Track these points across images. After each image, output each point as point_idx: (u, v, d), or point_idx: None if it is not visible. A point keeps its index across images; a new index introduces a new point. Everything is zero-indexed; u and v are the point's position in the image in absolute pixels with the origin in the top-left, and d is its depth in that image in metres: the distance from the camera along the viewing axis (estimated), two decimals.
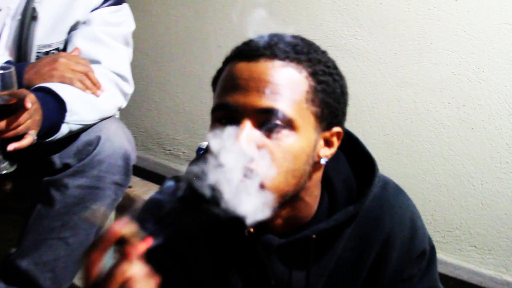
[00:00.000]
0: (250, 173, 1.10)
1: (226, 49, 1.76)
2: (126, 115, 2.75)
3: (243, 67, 1.16)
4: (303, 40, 1.23)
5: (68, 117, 1.85)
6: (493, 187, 2.14)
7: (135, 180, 2.51)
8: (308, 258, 1.29)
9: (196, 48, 2.89)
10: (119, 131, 2.04)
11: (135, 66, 2.24)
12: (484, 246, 2.19)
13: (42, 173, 1.99)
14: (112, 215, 2.28)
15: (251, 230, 1.24)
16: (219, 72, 1.23)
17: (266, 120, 1.12)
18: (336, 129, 1.23)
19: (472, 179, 2.18)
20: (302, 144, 1.15)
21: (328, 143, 1.23)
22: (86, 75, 1.97)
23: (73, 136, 1.94)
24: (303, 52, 1.18)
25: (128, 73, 2.17)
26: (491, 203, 2.15)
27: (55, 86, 1.86)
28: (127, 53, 2.20)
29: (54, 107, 1.83)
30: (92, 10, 2.10)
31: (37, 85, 1.86)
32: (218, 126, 1.15)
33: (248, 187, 1.10)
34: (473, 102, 2.12)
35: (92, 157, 1.97)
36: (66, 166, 1.97)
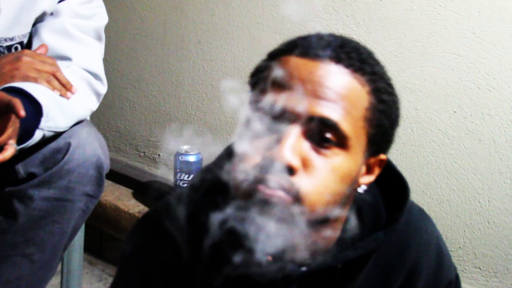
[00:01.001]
0: (288, 187, 1.00)
1: (207, 45, 1.66)
2: (96, 113, 2.61)
3: (301, 65, 1.05)
4: (365, 48, 1.11)
5: (44, 122, 1.71)
6: (501, 205, 2.03)
7: (105, 184, 2.39)
8: None
9: (174, 43, 2.78)
10: (91, 136, 1.90)
11: (107, 61, 2.11)
12: (489, 268, 2.09)
13: (3, 183, 1.84)
14: (82, 227, 2.13)
15: (269, 258, 1.10)
16: (262, 65, 1.11)
17: (317, 131, 1.02)
18: (382, 156, 1.14)
19: (478, 196, 2.07)
20: (350, 167, 1.06)
21: (369, 170, 1.14)
22: (54, 75, 1.81)
23: (39, 142, 1.79)
24: (368, 63, 1.08)
25: (101, 71, 2.03)
26: (499, 222, 2.05)
27: (29, 87, 1.71)
28: (100, 49, 2.07)
29: (30, 111, 1.67)
30: (60, 1, 1.96)
31: (6, 85, 1.71)
32: (256, 127, 1.04)
33: (282, 202, 0.99)
34: (481, 112, 2.01)
35: (61, 166, 1.83)
36: (31, 176, 1.82)
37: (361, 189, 1.14)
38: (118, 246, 2.78)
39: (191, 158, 2.47)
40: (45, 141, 1.79)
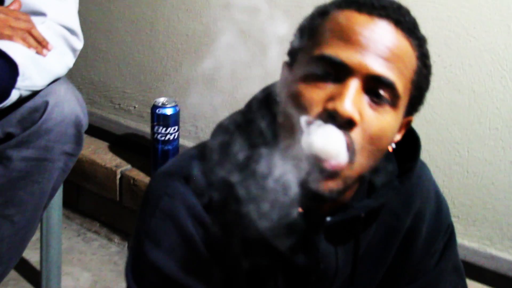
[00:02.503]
0: (348, 143, 1.05)
1: None
2: None
3: (364, 22, 1.08)
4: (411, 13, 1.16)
5: (20, 82, 1.70)
6: (480, 154, 2.06)
7: None
8: (357, 237, 1.28)
9: None
10: (69, 94, 1.89)
11: (80, 11, 2.09)
12: (468, 217, 2.14)
13: None
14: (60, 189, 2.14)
15: (300, 210, 1.16)
16: (316, 17, 1.15)
17: (374, 88, 1.07)
18: (411, 117, 1.21)
19: (457, 146, 2.10)
20: (395, 125, 1.13)
21: (399, 130, 1.19)
22: (29, 32, 1.79)
23: (16, 101, 1.77)
24: (418, 29, 1.14)
25: (77, 26, 2.01)
26: (478, 172, 2.08)
27: (3, 46, 1.69)
28: (75, 2, 2.04)
29: (5, 70, 1.66)
30: None
31: None
32: (310, 79, 1.08)
33: (333, 164, 1.04)
34: (461, 62, 2.02)
35: (39, 125, 1.83)
36: (9, 136, 1.82)
37: (391, 147, 1.18)
38: (95, 200, 2.79)
39: (168, 111, 2.45)
40: (22, 100, 1.78)
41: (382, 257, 1.35)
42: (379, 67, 1.06)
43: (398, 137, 1.20)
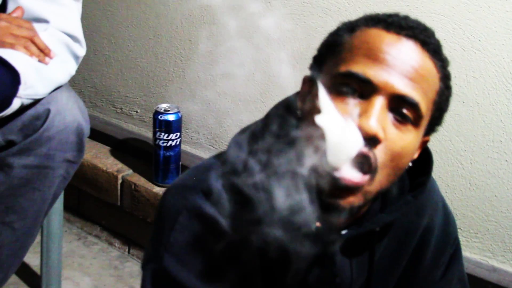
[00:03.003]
0: (369, 159, 1.06)
1: (186, 1, 1.63)
2: None
3: (391, 41, 1.10)
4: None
5: (22, 90, 1.68)
6: (483, 167, 2.04)
7: None
8: (372, 251, 1.28)
9: None
10: (70, 102, 1.87)
11: (83, 15, 2.07)
12: (470, 229, 2.12)
13: None
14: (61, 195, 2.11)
15: (318, 224, 1.16)
16: (343, 33, 1.15)
17: (398, 107, 1.08)
18: (429, 137, 1.22)
19: (460, 157, 2.08)
20: (416, 144, 1.14)
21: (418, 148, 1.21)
22: (31, 40, 1.77)
23: (18, 109, 1.75)
24: (442, 50, 1.15)
25: (80, 33, 1.99)
26: (480, 184, 2.06)
27: (5, 54, 1.67)
28: (77, 9, 2.02)
29: (7, 79, 1.64)
30: None
31: None
32: (335, 94, 1.08)
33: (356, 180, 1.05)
34: (466, 74, 2.00)
35: (41, 133, 1.81)
36: (10, 144, 1.80)
37: (408, 166, 1.17)
38: (96, 204, 2.77)
39: (171, 117, 2.43)
40: (24, 108, 1.76)
41: (393, 269, 1.36)
42: (404, 87, 1.07)
43: (415, 155, 1.20)
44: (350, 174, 1.04)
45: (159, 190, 2.51)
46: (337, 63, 1.12)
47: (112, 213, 2.73)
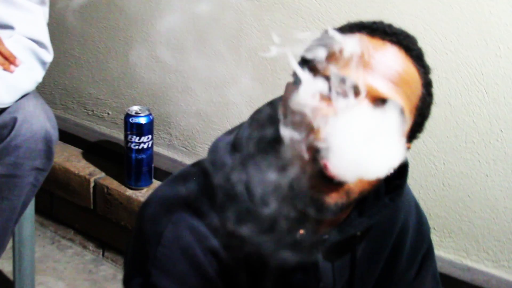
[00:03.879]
0: None
1: (155, 2, 1.56)
2: None
3: (376, 45, 1.09)
4: None
5: None
6: (456, 167, 2.02)
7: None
8: (353, 255, 1.29)
9: None
10: (37, 109, 1.82)
11: (52, 16, 2.02)
12: (444, 229, 2.10)
13: None
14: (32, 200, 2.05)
15: (301, 231, 1.17)
16: (327, 38, 1.10)
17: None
18: (409, 144, 1.19)
19: (433, 158, 2.05)
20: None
21: None
22: None
23: None
24: (424, 58, 1.14)
25: (46, 38, 1.93)
26: (453, 184, 2.04)
27: None
28: (44, 14, 1.96)
29: None
30: None
31: None
32: (321, 97, 1.06)
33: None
34: (438, 75, 1.96)
35: (8, 142, 1.77)
36: None
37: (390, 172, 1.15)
38: (69, 207, 2.71)
39: (142, 120, 2.37)
40: None
41: (372, 270, 1.36)
42: (388, 90, 1.06)
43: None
44: (334, 169, 1.03)
45: (132, 193, 2.46)
46: (322, 67, 1.10)
47: (86, 217, 2.66)
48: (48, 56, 1.92)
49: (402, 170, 1.22)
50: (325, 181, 1.04)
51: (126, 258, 1.29)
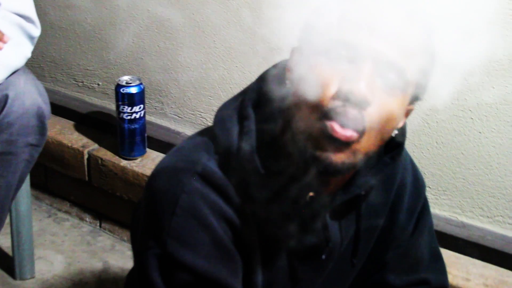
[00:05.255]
0: (360, 120, 1.08)
1: None
2: None
3: (378, 9, 1.10)
4: None
5: None
6: (449, 125, 2.03)
7: None
8: (359, 213, 1.34)
9: None
10: (28, 85, 1.82)
11: None
12: (438, 187, 2.12)
13: None
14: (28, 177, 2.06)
15: (311, 194, 1.22)
16: (331, 5, 1.15)
17: (386, 72, 1.09)
18: (412, 106, 1.22)
19: (426, 117, 2.07)
20: (402, 109, 1.16)
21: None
22: None
23: None
24: (427, 20, 1.13)
25: (33, 12, 1.92)
26: (447, 142, 2.06)
27: None
28: None
29: None
30: None
31: None
32: (326, 60, 1.09)
33: (346, 135, 1.08)
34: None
35: (0, 119, 1.75)
36: None
37: (394, 133, 1.22)
38: (64, 180, 2.72)
39: (133, 90, 2.36)
40: None
41: (374, 225, 1.41)
42: (392, 53, 1.08)
43: (401, 123, 1.22)
44: (341, 129, 1.07)
45: (126, 164, 2.47)
46: (326, 31, 1.12)
47: (81, 188, 2.68)
48: (36, 30, 1.91)
49: (400, 128, 1.25)
50: (332, 141, 1.08)
51: (135, 230, 1.34)
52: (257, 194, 1.18)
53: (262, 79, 1.24)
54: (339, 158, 1.10)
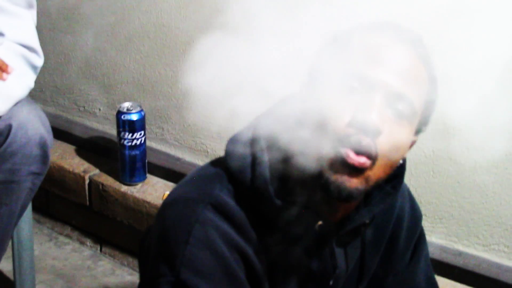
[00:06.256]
0: (373, 147, 1.14)
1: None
2: None
3: (390, 44, 1.19)
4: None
5: None
6: (445, 154, 2.08)
7: None
8: (363, 241, 1.41)
9: None
10: (31, 115, 1.86)
11: (39, 14, 2.06)
12: (435, 215, 2.16)
13: None
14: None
15: (319, 223, 1.27)
16: (340, 40, 1.23)
17: (395, 103, 1.17)
18: (416, 137, 1.30)
19: (422, 146, 2.11)
20: (409, 139, 1.24)
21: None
22: None
23: None
24: (430, 56, 1.23)
25: (36, 42, 1.97)
26: (443, 172, 2.10)
27: None
28: (32, 17, 1.99)
29: None
30: None
31: None
32: (338, 93, 1.17)
33: (360, 161, 1.14)
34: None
35: (4, 149, 1.82)
36: None
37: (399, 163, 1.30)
38: (65, 204, 2.76)
39: (134, 116, 2.41)
40: None
41: (375, 255, 1.47)
42: (400, 85, 1.16)
43: (406, 154, 1.30)
44: (356, 156, 1.13)
45: (127, 189, 2.51)
46: (340, 64, 1.19)
47: (82, 213, 2.72)
48: (39, 60, 1.96)
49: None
50: (346, 168, 1.14)
51: (144, 258, 1.37)
52: (270, 225, 1.24)
53: (272, 111, 1.29)
54: (353, 183, 1.16)
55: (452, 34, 1.28)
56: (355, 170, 1.15)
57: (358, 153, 1.13)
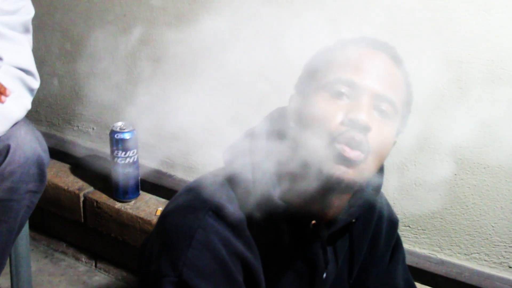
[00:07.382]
0: (366, 142, 1.27)
1: (132, 18, 1.62)
2: None
3: (370, 54, 1.36)
4: None
5: None
6: (427, 168, 2.16)
7: None
8: (351, 240, 1.55)
9: (99, 15, 2.76)
10: (29, 135, 1.93)
11: (34, 35, 2.14)
12: (418, 226, 2.24)
13: None
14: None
15: (313, 222, 1.39)
16: (326, 53, 1.40)
17: (380, 104, 1.31)
18: (396, 138, 1.43)
19: (405, 160, 2.19)
20: (393, 137, 1.39)
21: None
22: None
23: None
24: (402, 63, 1.40)
25: (32, 66, 2.04)
26: (425, 184, 2.17)
27: None
28: (28, 42, 2.06)
29: None
30: None
31: None
32: (328, 98, 1.31)
33: (355, 155, 1.26)
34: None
35: (2, 168, 1.88)
36: None
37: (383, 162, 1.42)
38: (60, 221, 2.84)
39: (127, 135, 2.49)
40: None
41: (360, 251, 1.60)
42: (383, 88, 1.32)
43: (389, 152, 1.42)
44: (351, 150, 1.26)
45: (120, 206, 2.59)
46: (325, 75, 1.35)
47: (77, 230, 2.79)
48: (35, 83, 2.03)
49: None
50: (343, 161, 1.26)
51: (146, 264, 1.42)
52: (269, 226, 1.35)
53: (267, 120, 1.43)
54: (350, 175, 1.27)
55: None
56: (352, 163, 1.26)
57: (353, 147, 1.25)
